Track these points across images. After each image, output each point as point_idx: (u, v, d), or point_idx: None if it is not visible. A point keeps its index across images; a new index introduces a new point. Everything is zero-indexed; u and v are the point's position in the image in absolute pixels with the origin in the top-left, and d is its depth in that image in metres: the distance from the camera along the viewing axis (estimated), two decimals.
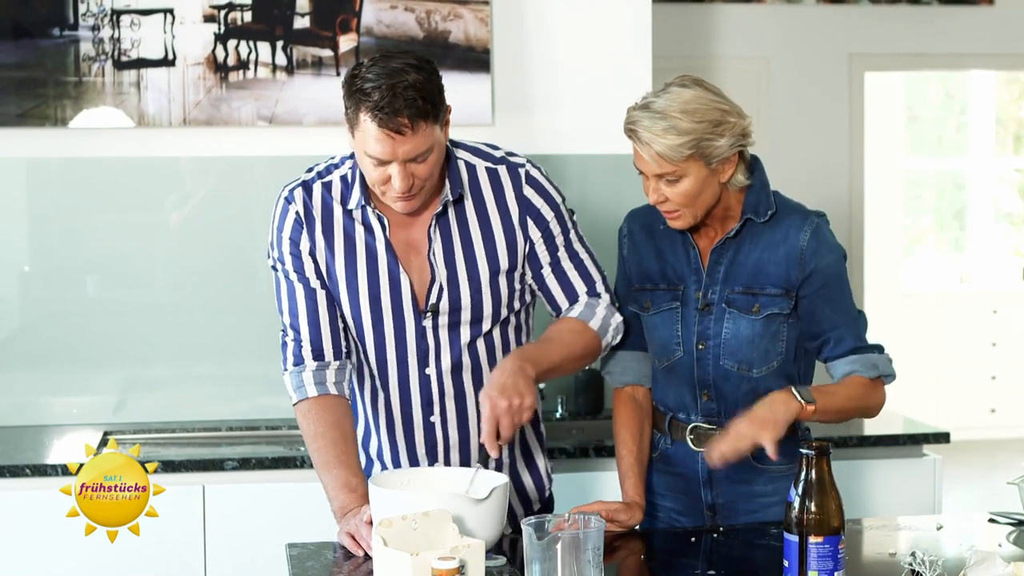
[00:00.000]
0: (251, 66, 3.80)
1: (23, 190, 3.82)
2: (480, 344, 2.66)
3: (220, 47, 3.78)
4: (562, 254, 2.68)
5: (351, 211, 2.63)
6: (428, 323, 2.63)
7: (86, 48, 3.74)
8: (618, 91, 3.92)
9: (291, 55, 3.80)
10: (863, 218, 7.05)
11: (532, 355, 2.56)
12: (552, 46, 3.92)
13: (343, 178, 2.65)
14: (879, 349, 2.68)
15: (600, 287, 2.71)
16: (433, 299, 2.61)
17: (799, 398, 2.53)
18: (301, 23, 3.81)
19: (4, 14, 3.72)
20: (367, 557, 2.40)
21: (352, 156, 2.63)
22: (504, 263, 2.64)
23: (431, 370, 2.64)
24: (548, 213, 2.66)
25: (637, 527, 2.67)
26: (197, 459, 3.42)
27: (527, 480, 2.79)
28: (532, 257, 2.67)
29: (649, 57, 3.95)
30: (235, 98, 3.80)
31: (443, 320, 2.62)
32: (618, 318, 2.70)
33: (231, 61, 3.79)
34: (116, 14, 3.74)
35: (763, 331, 2.63)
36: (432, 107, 2.44)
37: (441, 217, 2.62)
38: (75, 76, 3.74)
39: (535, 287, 2.71)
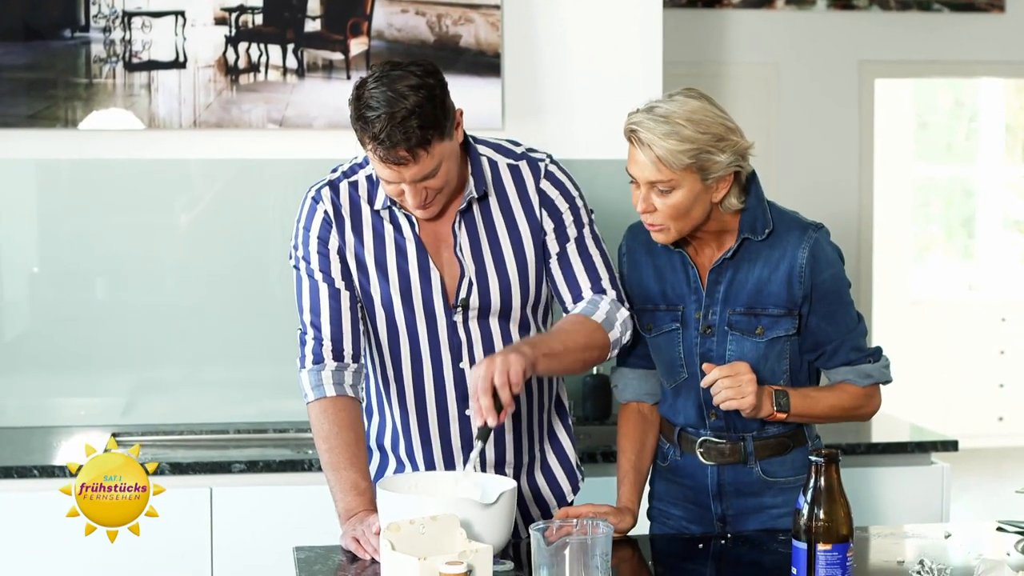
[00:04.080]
0: (262, 69, 3.80)
1: (33, 191, 3.82)
2: (513, 336, 2.68)
3: (231, 50, 3.78)
4: (571, 247, 2.68)
5: (379, 210, 2.65)
6: (459, 318, 2.64)
7: (97, 50, 3.74)
8: (628, 96, 3.89)
9: (302, 58, 3.81)
10: (872, 225, 7.04)
11: (529, 339, 2.58)
12: (563, 51, 3.92)
13: (368, 177, 2.66)
14: (876, 355, 2.68)
15: (606, 284, 2.68)
16: (463, 294, 2.63)
17: (773, 404, 2.56)
18: (312, 26, 3.81)
19: (15, 15, 3.73)
20: (373, 561, 2.40)
21: None
22: (531, 257, 2.66)
23: (465, 364, 2.65)
24: (562, 205, 2.68)
25: (629, 533, 2.66)
26: (204, 461, 3.43)
27: (542, 485, 2.80)
28: (543, 247, 2.68)
29: (660, 62, 3.95)
30: (245, 101, 3.80)
31: (473, 314, 2.65)
32: (625, 313, 2.67)
33: (242, 64, 3.79)
34: (127, 16, 3.75)
35: (767, 352, 2.60)
36: (435, 129, 2.44)
37: (466, 213, 2.64)
38: (86, 78, 3.75)
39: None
